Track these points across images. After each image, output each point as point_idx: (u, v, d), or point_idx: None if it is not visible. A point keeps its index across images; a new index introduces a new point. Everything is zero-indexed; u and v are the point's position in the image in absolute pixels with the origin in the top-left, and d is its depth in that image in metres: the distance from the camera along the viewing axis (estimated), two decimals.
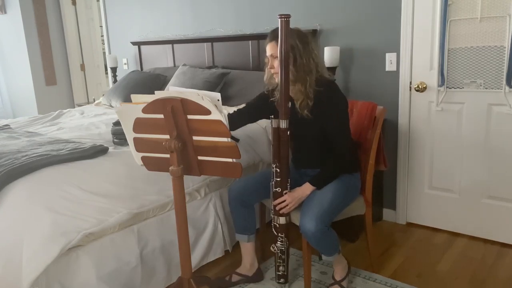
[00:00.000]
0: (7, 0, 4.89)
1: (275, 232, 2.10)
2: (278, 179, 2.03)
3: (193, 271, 1.91)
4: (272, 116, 2.00)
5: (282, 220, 2.07)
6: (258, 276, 2.33)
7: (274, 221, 2.09)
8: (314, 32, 3.03)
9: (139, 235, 2.13)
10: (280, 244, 2.10)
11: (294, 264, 2.49)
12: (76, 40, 5.25)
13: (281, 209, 2.04)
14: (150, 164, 1.85)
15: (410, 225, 2.97)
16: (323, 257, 2.07)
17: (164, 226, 2.23)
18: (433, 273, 2.38)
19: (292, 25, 2.14)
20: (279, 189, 2.03)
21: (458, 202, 2.77)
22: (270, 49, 2.01)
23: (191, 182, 2.30)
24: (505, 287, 2.23)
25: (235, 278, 2.30)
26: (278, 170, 2.02)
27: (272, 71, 2.03)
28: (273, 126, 2.00)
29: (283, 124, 1.98)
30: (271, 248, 2.14)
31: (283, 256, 2.13)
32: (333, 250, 2.05)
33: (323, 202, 1.96)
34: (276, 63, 1.98)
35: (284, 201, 2.02)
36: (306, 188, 2.04)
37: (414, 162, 2.89)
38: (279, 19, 1.87)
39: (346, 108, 2.05)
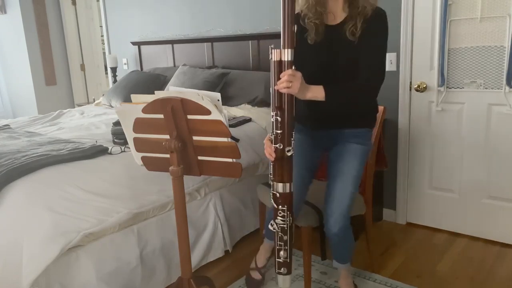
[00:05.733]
0: (7, 0, 4.89)
1: (274, 205, 1.60)
2: (279, 131, 1.53)
3: (193, 271, 1.91)
4: (272, 46, 1.50)
5: (280, 188, 1.57)
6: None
7: (272, 189, 1.60)
8: None
9: (139, 235, 2.13)
10: (281, 219, 1.59)
11: (294, 264, 2.48)
12: (76, 40, 5.25)
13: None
14: (150, 164, 1.85)
15: (410, 225, 2.97)
16: (334, 263, 2.04)
17: (164, 226, 2.23)
18: (433, 273, 2.38)
19: None
20: (280, 145, 1.54)
21: (458, 202, 2.77)
22: None
23: (191, 182, 2.31)
24: (505, 287, 2.23)
25: (256, 275, 2.27)
26: (279, 118, 1.52)
27: None
28: (275, 59, 1.50)
29: (287, 55, 1.48)
30: (270, 225, 1.62)
31: (284, 237, 1.60)
32: (348, 257, 2.02)
33: (344, 200, 1.82)
34: None
35: (290, 75, 1.49)
36: (315, 90, 1.62)
37: (414, 162, 2.89)
38: None
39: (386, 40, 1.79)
